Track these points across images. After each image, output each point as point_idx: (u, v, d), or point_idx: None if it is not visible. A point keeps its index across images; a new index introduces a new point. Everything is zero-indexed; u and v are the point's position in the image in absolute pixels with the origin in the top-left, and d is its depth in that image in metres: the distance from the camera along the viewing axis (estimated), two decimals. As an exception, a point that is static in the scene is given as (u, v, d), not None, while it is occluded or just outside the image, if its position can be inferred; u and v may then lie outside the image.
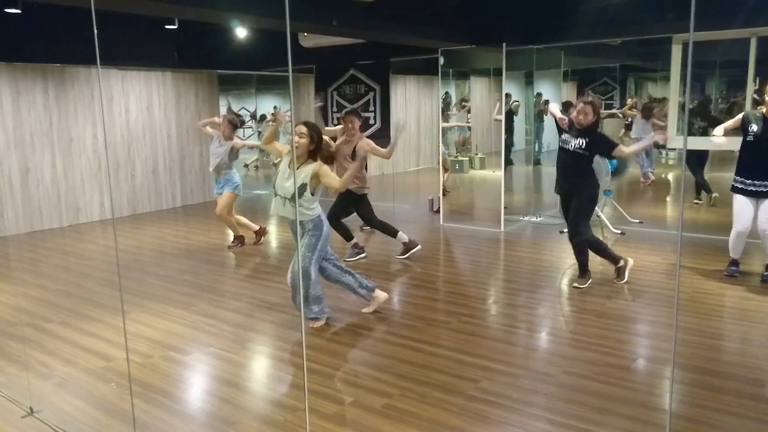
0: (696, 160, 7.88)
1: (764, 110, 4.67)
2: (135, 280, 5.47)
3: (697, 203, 8.14)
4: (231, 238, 6.74)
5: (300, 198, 4.04)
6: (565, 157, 4.85)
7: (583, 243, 4.87)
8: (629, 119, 10.43)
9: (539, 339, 4.02)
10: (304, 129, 4.02)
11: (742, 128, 4.79)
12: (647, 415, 2.95)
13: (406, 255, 6.02)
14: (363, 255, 6.10)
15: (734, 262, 5.05)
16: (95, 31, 2.38)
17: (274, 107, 11.56)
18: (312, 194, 4.05)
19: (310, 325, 4.24)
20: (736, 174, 4.84)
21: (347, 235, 6.05)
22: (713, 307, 4.41)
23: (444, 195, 8.67)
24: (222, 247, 6.71)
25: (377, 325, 4.26)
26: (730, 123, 4.97)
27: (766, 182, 4.68)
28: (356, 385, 3.35)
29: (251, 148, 12.08)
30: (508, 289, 5.09)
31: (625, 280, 4.96)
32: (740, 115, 4.90)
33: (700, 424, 2.84)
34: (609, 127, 10.96)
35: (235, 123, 6.59)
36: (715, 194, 7.92)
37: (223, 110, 11.37)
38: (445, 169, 8.64)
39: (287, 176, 4.09)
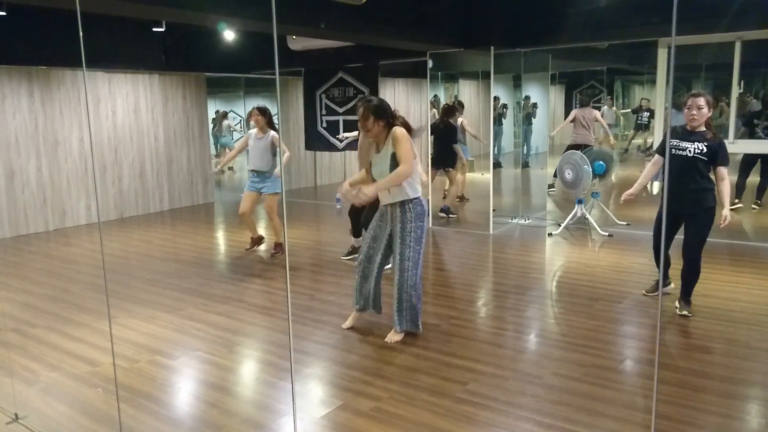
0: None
1: None
2: (122, 284, 5.43)
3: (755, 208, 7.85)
4: (249, 239, 6.49)
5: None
6: (681, 165, 4.05)
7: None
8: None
9: (527, 341, 4.03)
10: (361, 111, 3.71)
11: None
12: (633, 415, 2.97)
13: (349, 257, 6.13)
14: (357, 255, 6.10)
15: None
16: (80, 33, 2.37)
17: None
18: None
19: (393, 340, 3.96)
20: None
21: (358, 231, 5.88)
22: (698, 308, 4.44)
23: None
24: (208, 250, 6.68)
25: (365, 327, 4.25)
26: None
27: None
28: (344, 389, 3.34)
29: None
30: (497, 291, 5.11)
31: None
32: None
33: (684, 424, 2.86)
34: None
35: (266, 112, 6.04)
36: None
37: (211, 114, 11.34)
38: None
39: (377, 161, 3.81)
